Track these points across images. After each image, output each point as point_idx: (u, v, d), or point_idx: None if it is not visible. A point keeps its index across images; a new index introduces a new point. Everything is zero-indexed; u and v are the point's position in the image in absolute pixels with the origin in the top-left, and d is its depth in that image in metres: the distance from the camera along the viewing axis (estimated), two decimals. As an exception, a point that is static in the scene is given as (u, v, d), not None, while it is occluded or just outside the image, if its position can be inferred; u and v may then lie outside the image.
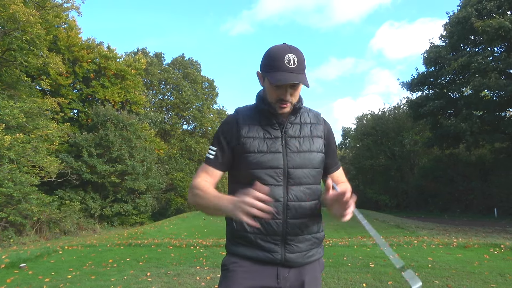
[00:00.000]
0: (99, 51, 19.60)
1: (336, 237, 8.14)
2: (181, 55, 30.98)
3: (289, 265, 1.32)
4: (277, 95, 1.29)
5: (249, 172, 1.31)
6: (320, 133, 1.40)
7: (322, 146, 1.38)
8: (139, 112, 21.92)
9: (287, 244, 1.31)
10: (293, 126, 1.37)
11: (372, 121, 31.57)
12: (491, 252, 6.03)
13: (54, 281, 4.57)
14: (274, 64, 1.25)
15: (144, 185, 18.51)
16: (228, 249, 1.40)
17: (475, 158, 23.40)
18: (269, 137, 1.33)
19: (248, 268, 1.31)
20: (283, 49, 1.26)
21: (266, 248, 1.30)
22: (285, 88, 1.27)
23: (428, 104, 20.91)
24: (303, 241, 1.34)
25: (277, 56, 1.25)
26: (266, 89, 1.34)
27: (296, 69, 1.24)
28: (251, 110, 1.40)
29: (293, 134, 1.35)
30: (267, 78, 1.28)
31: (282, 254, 1.30)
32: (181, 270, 5.04)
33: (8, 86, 13.30)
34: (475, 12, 17.94)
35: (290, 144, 1.33)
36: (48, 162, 12.91)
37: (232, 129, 1.36)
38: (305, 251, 1.34)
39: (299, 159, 1.32)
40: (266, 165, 1.29)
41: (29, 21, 11.33)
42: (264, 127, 1.35)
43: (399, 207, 27.09)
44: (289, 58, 1.24)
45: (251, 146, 1.31)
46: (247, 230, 1.32)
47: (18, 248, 8.79)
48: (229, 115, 1.44)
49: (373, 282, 4.23)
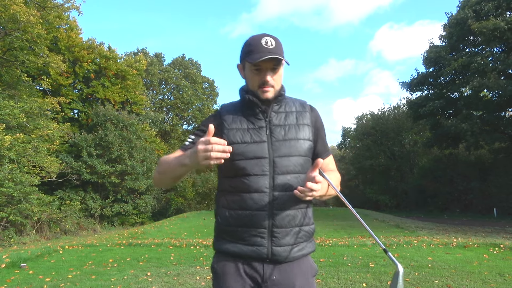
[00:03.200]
0: (99, 51, 19.61)
1: (336, 237, 8.15)
2: (182, 55, 31.03)
3: (276, 260, 1.26)
4: (259, 79, 1.27)
5: (234, 163, 1.26)
6: (307, 121, 1.35)
7: (309, 134, 1.34)
8: (139, 112, 21.94)
9: (274, 237, 1.25)
10: (278, 115, 1.33)
11: (372, 121, 31.58)
12: (490, 252, 6.05)
13: (55, 280, 4.58)
14: (251, 48, 1.25)
15: (144, 185, 18.51)
16: (214, 246, 1.36)
17: (474, 158, 23.42)
18: (253, 127, 1.30)
19: (235, 270, 1.28)
20: (260, 35, 1.27)
21: (251, 242, 1.25)
22: (265, 70, 1.25)
23: (427, 104, 20.93)
24: (291, 234, 1.27)
25: (254, 41, 1.26)
26: (247, 76, 1.32)
27: (274, 49, 1.23)
28: (235, 104, 1.39)
29: (277, 123, 1.32)
30: (246, 61, 1.27)
31: (268, 248, 1.25)
32: (181, 269, 5.06)
33: (9, 86, 13.30)
34: (473, 14, 17.98)
35: (275, 132, 1.30)
36: (48, 162, 12.93)
37: (215, 121, 1.33)
38: (293, 245, 1.28)
39: (285, 147, 1.28)
40: (250, 155, 1.26)
41: (29, 22, 11.35)
42: (247, 117, 1.32)
43: (399, 207, 27.10)
44: (266, 40, 1.24)
45: (235, 136, 1.28)
46: (231, 224, 1.28)
47: (19, 248, 8.82)
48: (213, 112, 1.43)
49: (373, 282, 4.24)
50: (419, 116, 22.61)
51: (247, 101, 1.31)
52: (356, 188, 35.11)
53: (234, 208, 1.28)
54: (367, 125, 31.95)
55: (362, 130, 32.64)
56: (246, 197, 1.26)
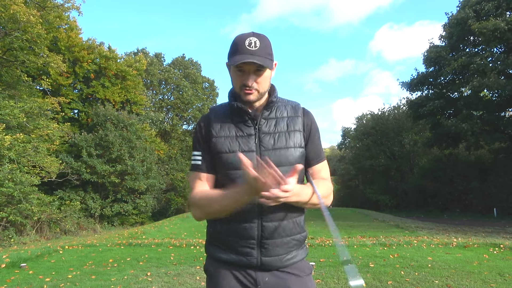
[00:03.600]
0: (99, 51, 19.61)
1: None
2: (182, 55, 31.01)
3: (267, 269, 1.25)
4: (241, 81, 1.22)
5: (223, 173, 1.25)
6: (299, 126, 1.30)
7: (300, 140, 1.29)
8: (139, 112, 21.95)
9: (263, 247, 1.24)
10: (268, 121, 1.29)
11: (372, 121, 31.61)
12: (490, 252, 6.05)
13: (55, 280, 4.58)
14: (235, 49, 1.21)
15: (144, 185, 18.53)
16: (206, 251, 1.36)
17: (474, 158, 23.42)
18: (242, 135, 1.26)
19: (227, 273, 1.27)
20: (246, 34, 1.22)
21: (241, 252, 1.24)
22: (248, 72, 1.21)
23: (427, 104, 20.94)
24: (281, 245, 1.25)
25: (238, 41, 1.21)
26: (231, 76, 1.28)
27: (257, 51, 1.18)
28: (225, 107, 1.33)
29: (267, 131, 1.27)
30: (229, 62, 1.24)
31: (257, 258, 1.23)
32: (181, 269, 5.06)
33: (9, 86, 13.30)
34: (473, 14, 17.99)
35: (264, 141, 1.25)
36: (48, 162, 12.93)
37: (205, 129, 1.30)
38: (283, 254, 1.26)
39: (274, 157, 1.22)
40: (238, 165, 1.17)
41: (29, 22, 11.34)
42: (236, 124, 1.28)
43: (399, 207, 27.10)
44: (250, 40, 1.19)
45: (222, 146, 1.25)
46: (221, 233, 1.27)
47: (19, 248, 8.82)
48: (203, 115, 1.39)
49: (373, 282, 4.24)
50: (419, 116, 22.63)
51: (235, 108, 1.28)
52: (356, 188, 35.14)
53: (224, 218, 1.26)
54: (367, 125, 31.97)
55: (362, 130, 32.66)
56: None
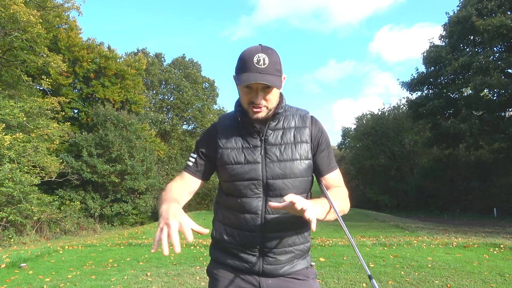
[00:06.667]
0: (99, 51, 19.63)
1: (336, 237, 8.14)
2: (182, 55, 31.00)
3: (269, 276, 1.27)
4: (249, 98, 1.20)
5: (228, 184, 1.27)
6: (306, 137, 1.28)
7: (307, 152, 1.27)
8: (139, 112, 21.95)
9: (265, 256, 1.26)
10: (274, 132, 1.27)
11: (372, 121, 31.59)
12: (490, 252, 6.05)
13: (55, 280, 4.58)
14: (243, 65, 1.17)
15: (144, 185, 18.52)
16: (211, 254, 1.38)
17: (474, 158, 23.41)
18: (247, 147, 1.26)
19: (231, 277, 1.29)
20: (254, 50, 1.18)
21: (243, 259, 1.27)
22: (256, 90, 1.18)
23: (427, 104, 20.94)
24: (283, 254, 1.27)
25: (246, 57, 1.17)
26: (239, 92, 1.26)
27: (266, 69, 1.15)
28: (232, 118, 1.33)
29: (273, 142, 1.26)
30: (237, 82, 1.21)
31: (259, 266, 1.26)
32: (181, 270, 5.06)
33: (9, 86, 13.30)
34: (475, 12, 17.98)
35: (270, 153, 1.24)
36: (48, 161, 12.92)
37: (211, 139, 1.31)
38: (285, 263, 1.27)
39: (279, 169, 1.23)
40: (244, 177, 1.23)
41: (29, 21, 11.34)
42: (243, 136, 1.28)
43: (399, 207, 27.09)
44: (259, 58, 1.15)
45: (228, 157, 1.25)
46: (225, 239, 1.29)
47: (19, 248, 8.81)
48: (212, 123, 1.39)
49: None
50: (419, 116, 22.62)
51: (243, 119, 1.27)
52: (356, 188, 35.10)
53: (228, 225, 1.30)
54: (367, 125, 31.95)
55: (362, 130, 32.64)
56: (240, 217, 1.26)
